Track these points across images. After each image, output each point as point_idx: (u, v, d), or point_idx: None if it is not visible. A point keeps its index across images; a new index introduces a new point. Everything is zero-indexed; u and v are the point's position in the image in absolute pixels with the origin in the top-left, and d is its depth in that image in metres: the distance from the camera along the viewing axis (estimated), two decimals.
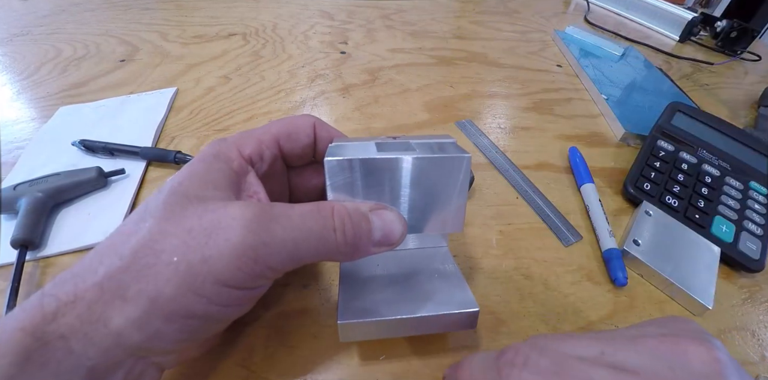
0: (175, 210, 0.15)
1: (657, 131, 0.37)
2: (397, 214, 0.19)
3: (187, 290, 0.14)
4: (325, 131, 0.22)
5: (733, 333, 0.25)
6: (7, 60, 0.47)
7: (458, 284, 0.21)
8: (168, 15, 0.60)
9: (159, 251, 0.14)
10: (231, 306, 0.16)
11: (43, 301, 0.14)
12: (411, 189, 0.19)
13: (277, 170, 0.22)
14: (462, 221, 0.21)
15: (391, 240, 0.18)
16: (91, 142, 0.33)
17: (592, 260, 0.28)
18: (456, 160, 0.19)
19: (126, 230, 0.15)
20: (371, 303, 0.20)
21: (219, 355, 0.21)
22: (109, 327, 0.14)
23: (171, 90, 0.42)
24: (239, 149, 0.19)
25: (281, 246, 0.15)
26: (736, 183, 0.33)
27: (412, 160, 0.18)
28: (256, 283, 0.16)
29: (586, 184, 0.33)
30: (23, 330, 0.13)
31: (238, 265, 0.15)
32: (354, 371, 0.21)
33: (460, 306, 0.19)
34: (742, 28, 0.61)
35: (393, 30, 0.60)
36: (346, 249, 0.17)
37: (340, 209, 0.17)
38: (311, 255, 0.17)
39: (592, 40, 0.59)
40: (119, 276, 0.14)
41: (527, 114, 0.43)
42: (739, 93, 0.53)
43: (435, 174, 0.19)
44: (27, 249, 0.25)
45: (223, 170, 0.18)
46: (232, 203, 0.16)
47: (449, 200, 0.20)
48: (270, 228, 0.15)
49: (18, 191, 0.27)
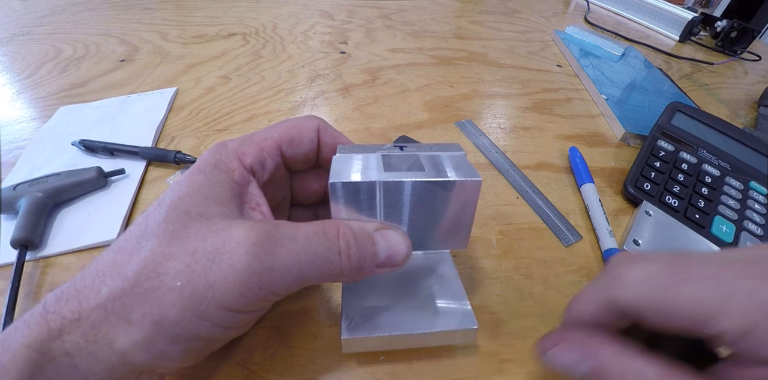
0: (177, 229, 0.15)
1: (657, 131, 0.37)
2: (401, 234, 0.18)
3: (191, 315, 0.14)
4: (329, 136, 0.21)
5: None
6: (7, 60, 0.47)
7: (459, 296, 0.21)
8: (168, 15, 0.60)
9: (162, 274, 0.14)
10: (233, 327, 0.16)
11: (48, 318, 0.14)
12: (417, 209, 0.19)
13: (280, 177, 0.21)
14: (467, 239, 0.21)
15: (394, 262, 0.18)
16: (91, 142, 0.33)
17: (592, 260, 0.28)
18: (467, 184, 0.18)
19: (128, 247, 0.15)
20: (373, 315, 0.20)
21: (219, 355, 0.21)
22: (114, 347, 0.14)
23: (171, 90, 0.42)
24: (240, 158, 0.18)
25: (286, 271, 0.15)
26: (736, 183, 0.33)
27: (420, 183, 0.18)
28: (260, 306, 0.16)
29: (586, 184, 0.33)
30: (29, 347, 0.13)
31: (242, 291, 0.14)
32: (354, 371, 0.21)
33: (459, 323, 0.19)
34: (742, 28, 0.61)
35: (393, 30, 0.60)
36: (351, 272, 0.17)
37: (346, 231, 0.17)
38: (315, 278, 0.16)
39: (592, 40, 0.59)
40: (123, 298, 0.14)
41: (527, 114, 0.43)
42: (739, 93, 0.53)
43: (442, 196, 0.18)
44: (27, 249, 0.25)
45: (224, 182, 0.17)
46: (236, 225, 0.15)
47: (455, 220, 0.19)
48: (275, 253, 0.15)
49: (18, 191, 0.27)
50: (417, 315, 0.20)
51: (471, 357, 0.22)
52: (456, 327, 0.19)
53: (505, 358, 0.22)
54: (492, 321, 0.24)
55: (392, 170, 0.18)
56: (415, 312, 0.20)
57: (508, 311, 0.24)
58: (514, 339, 0.23)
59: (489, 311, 0.24)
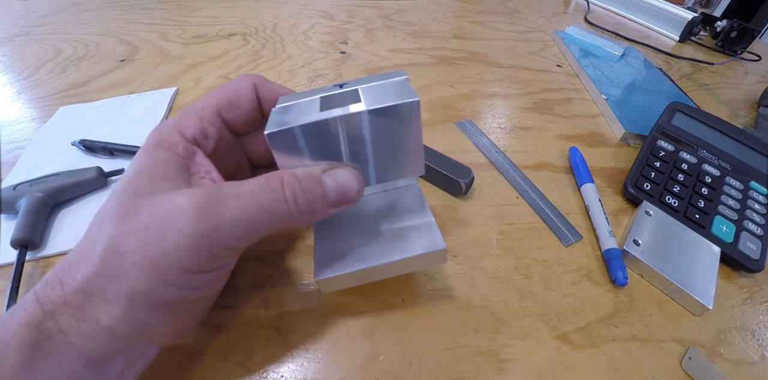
0: (129, 211, 0.16)
1: (657, 131, 0.37)
2: (350, 171, 0.19)
3: (156, 283, 0.15)
4: (269, 91, 0.21)
5: (733, 333, 0.25)
6: (7, 60, 0.47)
7: (426, 223, 0.21)
8: (168, 15, 0.60)
9: (122, 253, 0.15)
10: (202, 287, 0.17)
11: (40, 302, 0.15)
12: (362, 142, 0.19)
13: (227, 142, 0.21)
14: (422, 164, 0.20)
15: (348, 198, 0.19)
16: (91, 142, 0.33)
17: (592, 260, 0.28)
18: (403, 106, 0.18)
19: (92, 237, 0.16)
20: (345, 252, 0.20)
21: (219, 355, 0.21)
22: (101, 324, 0.15)
23: (171, 90, 0.42)
24: (181, 132, 0.19)
25: (234, 227, 0.16)
26: (736, 183, 0.33)
27: (356, 115, 0.17)
28: (219, 263, 0.17)
29: (586, 184, 0.33)
30: (27, 326, 0.14)
31: (195, 252, 0.15)
32: (354, 371, 0.21)
33: (427, 246, 0.20)
34: (742, 28, 0.61)
35: (393, 30, 0.60)
36: (302, 217, 0.17)
37: (290, 178, 0.17)
38: (267, 229, 0.17)
39: (592, 40, 0.59)
40: (96, 281, 0.15)
41: (527, 114, 0.43)
42: (739, 93, 0.53)
43: (384, 124, 0.18)
44: (27, 249, 0.25)
45: (168, 159, 0.18)
46: (179, 193, 0.16)
47: (405, 146, 0.19)
48: (219, 212, 0.16)
49: (18, 191, 0.27)
50: (387, 245, 0.20)
51: (471, 357, 0.22)
52: (424, 251, 0.20)
53: (505, 358, 0.22)
54: (492, 321, 0.24)
55: (330, 108, 0.18)
56: (384, 245, 0.20)
57: (508, 311, 0.24)
58: (514, 339, 0.23)
59: (489, 311, 0.24)
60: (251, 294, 0.24)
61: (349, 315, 0.23)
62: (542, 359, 0.22)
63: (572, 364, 0.22)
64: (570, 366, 0.22)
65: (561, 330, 0.24)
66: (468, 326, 0.23)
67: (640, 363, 0.23)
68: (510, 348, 0.23)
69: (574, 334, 0.24)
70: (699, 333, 0.25)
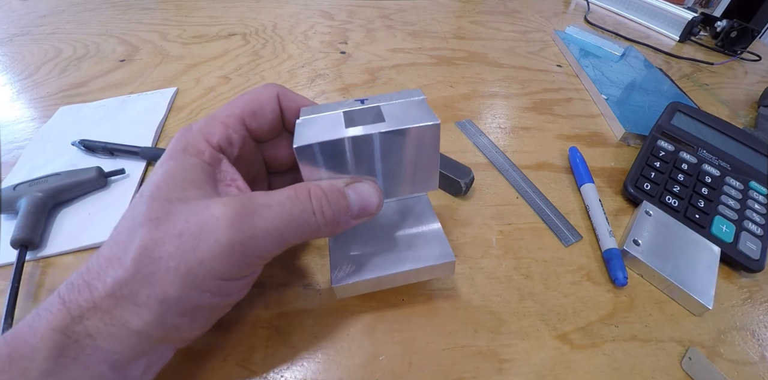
0: (161, 217, 0.16)
1: (657, 131, 0.37)
2: (372, 185, 0.20)
3: (190, 289, 0.16)
4: (291, 101, 0.22)
5: (733, 333, 0.25)
6: (7, 60, 0.47)
7: (437, 234, 0.22)
8: (168, 15, 0.60)
9: (157, 258, 0.15)
10: (233, 293, 0.18)
11: (67, 305, 0.15)
12: (383, 159, 0.20)
13: (249, 149, 0.21)
14: (436, 180, 0.22)
15: (369, 211, 0.19)
16: (91, 142, 0.33)
17: (592, 260, 0.28)
18: (425, 129, 0.19)
19: (121, 240, 0.16)
20: (359, 262, 0.21)
21: (219, 355, 0.21)
22: (130, 328, 0.15)
23: (171, 90, 0.42)
24: (207, 138, 0.19)
25: (266, 236, 0.16)
26: (736, 183, 0.33)
27: (380, 135, 0.18)
28: (250, 271, 0.18)
29: (586, 184, 0.33)
30: (55, 330, 0.14)
31: (230, 261, 0.16)
32: (354, 371, 0.21)
33: (438, 258, 0.21)
34: (742, 28, 0.61)
35: (393, 30, 0.60)
36: (328, 228, 0.18)
37: (317, 191, 0.18)
38: (296, 239, 0.18)
39: (592, 40, 0.59)
40: (128, 285, 0.15)
41: (527, 114, 0.43)
42: (739, 93, 0.53)
43: (405, 143, 0.19)
44: (27, 249, 0.25)
45: (196, 165, 0.18)
46: (213, 203, 0.16)
47: (422, 164, 0.20)
48: (253, 222, 0.16)
49: (18, 191, 0.27)
50: (399, 255, 0.21)
51: (471, 357, 0.22)
52: (435, 262, 0.21)
53: (505, 358, 0.22)
54: (492, 321, 0.24)
55: (354, 125, 0.19)
56: (397, 254, 0.21)
57: (508, 311, 0.24)
58: (514, 339, 0.23)
59: (489, 311, 0.24)
60: (251, 294, 0.24)
61: (349, 315, 0.23)
62: (542, 359, 0.22)
63: (572, 364, 0.22)
64: (570, 366, 0.22)
65: (561, 330, 0.24)
66: (468, 326, 0.23)
67: (640, 363, 0.23)
68: (510, 348, 0.23)
69: (574, 334, 0.24)
70: (699, 333, 0.25)
